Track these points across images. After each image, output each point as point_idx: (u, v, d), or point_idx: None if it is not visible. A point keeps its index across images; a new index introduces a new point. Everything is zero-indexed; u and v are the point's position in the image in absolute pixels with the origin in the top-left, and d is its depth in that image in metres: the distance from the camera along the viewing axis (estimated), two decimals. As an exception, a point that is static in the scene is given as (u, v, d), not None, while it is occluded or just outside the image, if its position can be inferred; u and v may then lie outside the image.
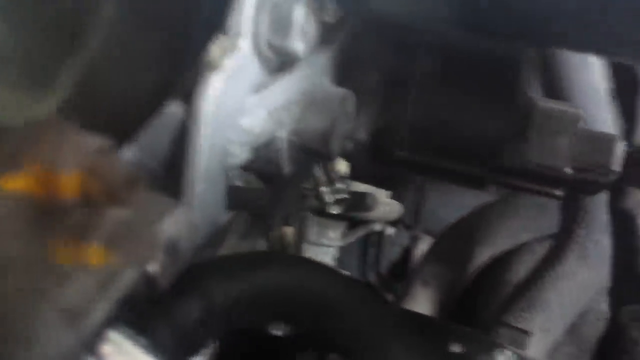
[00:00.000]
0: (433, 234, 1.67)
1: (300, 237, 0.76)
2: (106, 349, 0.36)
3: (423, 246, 1.64)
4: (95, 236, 0.34)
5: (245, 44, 0.55)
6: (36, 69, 0.41)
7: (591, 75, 0.96)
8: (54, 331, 0.33)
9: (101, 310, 0.35)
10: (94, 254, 0.34)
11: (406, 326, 0.58)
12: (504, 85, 0.73)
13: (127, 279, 0.36)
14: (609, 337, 0.57)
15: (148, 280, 0.40)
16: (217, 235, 0.63)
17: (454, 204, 1.65)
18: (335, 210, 0.85)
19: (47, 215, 0.33)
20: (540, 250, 1.30)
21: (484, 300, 1.32)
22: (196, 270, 0.46)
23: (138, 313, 0.40)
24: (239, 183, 0.63)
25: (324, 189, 0.82)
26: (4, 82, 0.39)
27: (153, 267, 0.39)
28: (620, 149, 0.72)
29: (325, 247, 1.25)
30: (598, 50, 0.63)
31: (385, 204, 1.30)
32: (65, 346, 0.34)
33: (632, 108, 0.88)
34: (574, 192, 0.82)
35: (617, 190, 0.76)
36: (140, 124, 0.46)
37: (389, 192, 1.35)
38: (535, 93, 0.80)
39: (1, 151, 0.33)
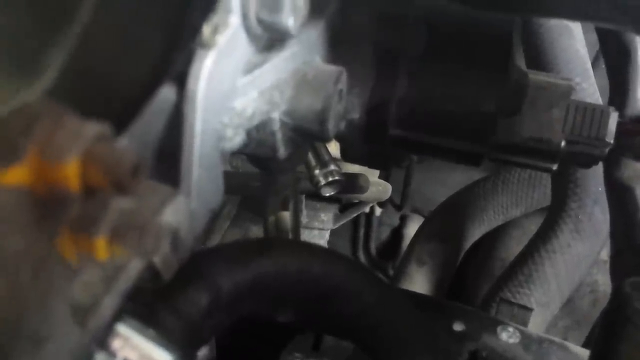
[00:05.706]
0: (421, 213, 1.67)
1: (296, 221, 0.74)
2: (116, 343, 0.35)
3: (413, 225, 1.63)
4: (100, 228, 0.32)
5: (234, 20, 0.53)
6: (20, 51, 0.38)
7: (573, 44, 0.95)
8: (64, 328, 0.31)
9: (109, 304, 0.33)
10: (100, 247, 0.32)
11: (410, 307, 0.57)
12: (497, 58, 0.71)
13: (133, 271, 0.35)
14: (612, 309, 0.57)
15: (153, 272, 0.38)
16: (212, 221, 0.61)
17: (440, 182, 1.65)
18: (328, 192, 0.83)
19: (49, 208, 0.32)
20: (529, 225, 1.31)
21: (474, 277, 1.32)
22: (201, 259, 0.44)
23: (144, 305, 0.38)
24: (229, 168, 0.61)
25: (317, 171, 0.80)
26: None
27: (158, 258, 0.37)
28: (614, 120, 0.71)
29: (318, 230, 1.24)
30: (595, 17, 0.62)
31: (377, 185, 1.29)
32: (76, 342, 0.32)
33: (623, 78, 0.87)
34: (567, 165, 0.82)
35: (612, 162, 0.76)
36: (135, 109, 0.44)
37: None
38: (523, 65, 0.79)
39: (-4, 141, 0.31)
